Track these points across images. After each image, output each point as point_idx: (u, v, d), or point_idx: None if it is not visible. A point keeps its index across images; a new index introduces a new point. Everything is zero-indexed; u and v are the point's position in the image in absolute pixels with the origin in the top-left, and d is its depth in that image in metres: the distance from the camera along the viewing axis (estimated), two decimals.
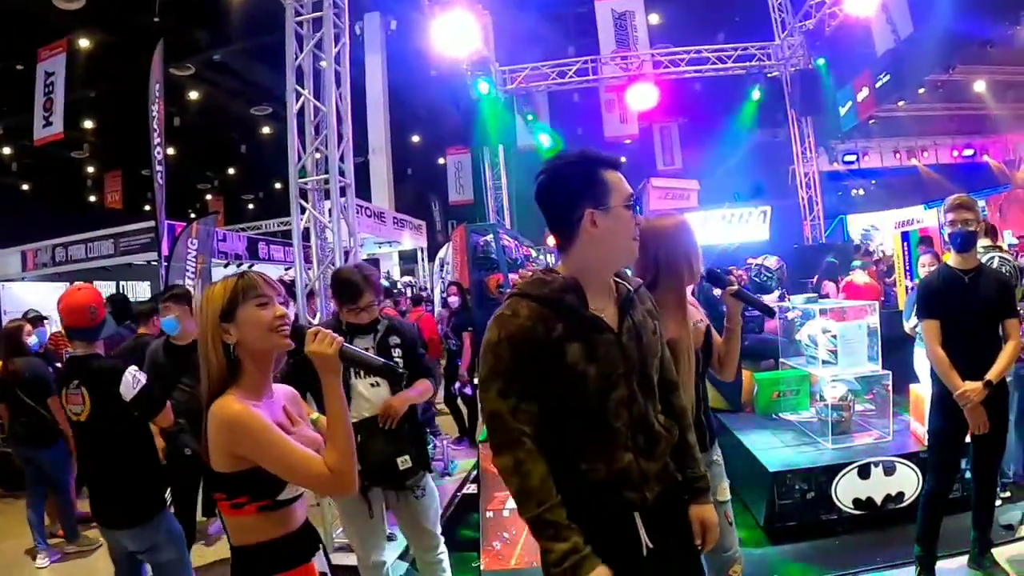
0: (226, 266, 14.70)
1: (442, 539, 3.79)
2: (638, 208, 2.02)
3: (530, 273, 2.11)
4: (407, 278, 19.50)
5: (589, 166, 2.01)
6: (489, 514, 4.55)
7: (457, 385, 8.22)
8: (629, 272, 2.38)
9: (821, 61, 14.05)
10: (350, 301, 3.49)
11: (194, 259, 9.91)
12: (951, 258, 3.85)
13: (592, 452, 1.98)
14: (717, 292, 6.98)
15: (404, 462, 3.48)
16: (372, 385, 3.51)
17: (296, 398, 2.25)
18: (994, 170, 21.52)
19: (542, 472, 1.91)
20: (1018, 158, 24.32)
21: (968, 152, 23.39)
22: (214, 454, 1.92)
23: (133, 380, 3.45)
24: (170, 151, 22.72)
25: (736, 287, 2.98)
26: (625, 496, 1.99)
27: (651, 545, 2.02)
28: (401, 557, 4.69)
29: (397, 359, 3.53)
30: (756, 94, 15.07)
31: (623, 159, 2.15)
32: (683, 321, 2.70)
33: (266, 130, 22.16)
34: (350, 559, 3.89)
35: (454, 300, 8.64)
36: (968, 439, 3.81)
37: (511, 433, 1.92)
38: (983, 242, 5.25)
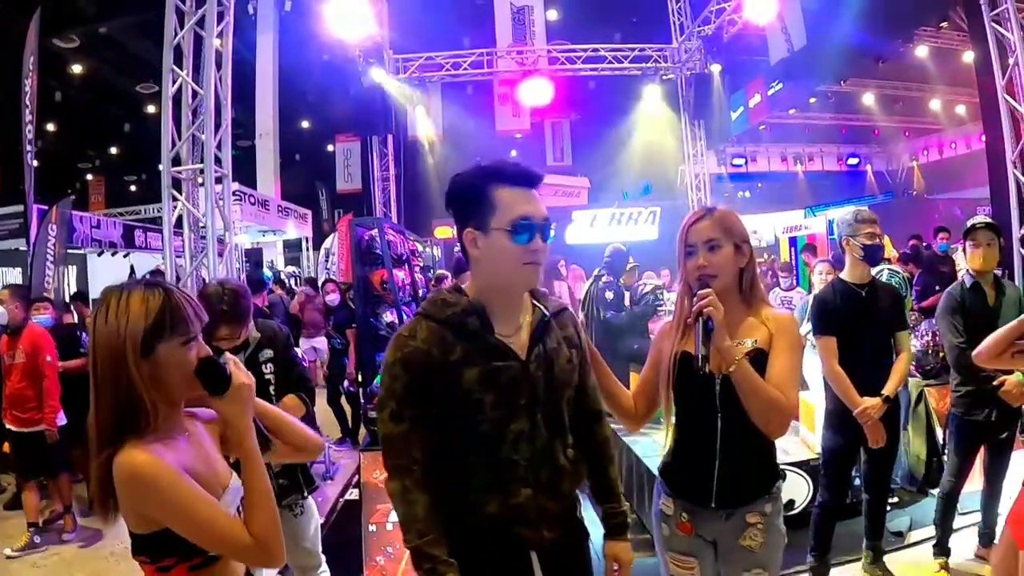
0: (100, 254, 13.85)
1: (323, 557, 3.62)
2: (534, 229, 1.81)
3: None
4: (291, 268, 18.93)
5: (480, 181, 1.85)
6: (372, 527, 4.27)
7: (345, 383, 8.15)
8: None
9: (717, 67, 14.32)
10: (204, 330, 3.20)
11: (53, 246, 9.27)
12: (847, 272, 3.84)
13: (486, 485, 1.88)
14: (609, 295, 6.84)
15: (279, 485, 3.24)
16: None
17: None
18: None
19: (426, 502, 1.83)
20: (901, 168, 25.57)
21: (853, 161, 24.53)
22: (124, 512, 1.56)
23: None
24: (50, 127, 21.51)
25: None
26: (518, 533, 1.89)
27: None
28: (282, 572, 4.42)
29: (268, 376, 3.30)
30: (650, 95, 15.23)
31: (543, 176, 1.92)
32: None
33: (151, 109, 21.00)
34: None
35: (332, 298, 8.61)
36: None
37: (400, 458, 1.85)
38: None
